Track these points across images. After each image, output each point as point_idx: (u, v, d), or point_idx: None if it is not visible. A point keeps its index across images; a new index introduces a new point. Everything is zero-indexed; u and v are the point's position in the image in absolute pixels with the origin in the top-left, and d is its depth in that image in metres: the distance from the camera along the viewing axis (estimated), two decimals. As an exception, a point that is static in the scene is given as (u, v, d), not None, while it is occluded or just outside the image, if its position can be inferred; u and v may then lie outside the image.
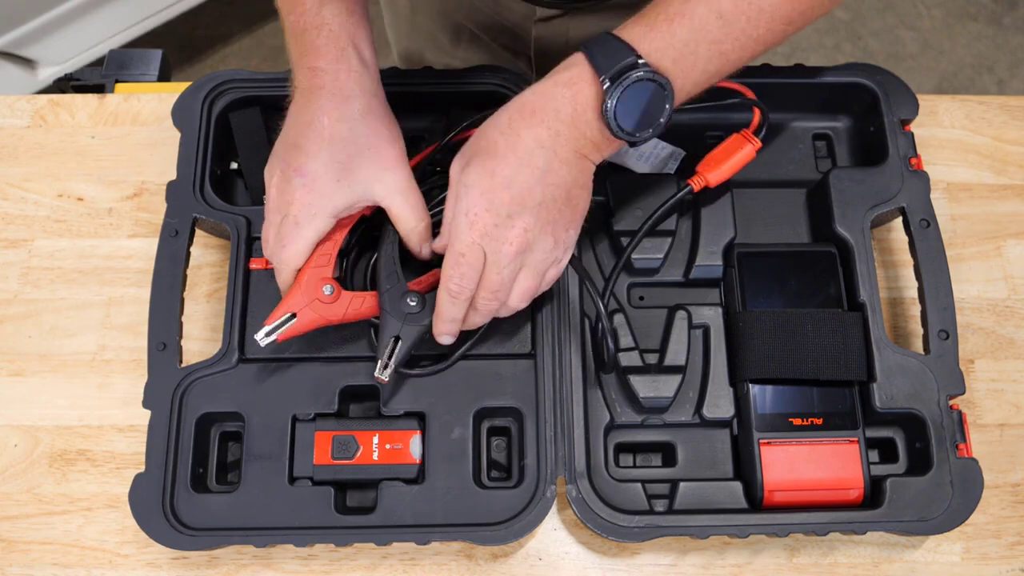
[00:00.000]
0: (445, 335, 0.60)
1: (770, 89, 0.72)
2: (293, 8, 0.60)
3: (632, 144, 0.56)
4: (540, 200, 0.56)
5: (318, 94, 0.58)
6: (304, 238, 0.60)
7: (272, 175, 0.60)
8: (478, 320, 0.60)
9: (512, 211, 0.55)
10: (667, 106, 0.55)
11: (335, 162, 0.58)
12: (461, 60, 0.89)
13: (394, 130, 0.61)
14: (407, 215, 0.61)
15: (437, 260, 0.61)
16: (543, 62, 0.82)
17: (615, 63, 0.54)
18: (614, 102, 0.54)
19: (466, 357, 0.65)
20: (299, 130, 0.59)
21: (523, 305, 0.60)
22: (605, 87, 0.54)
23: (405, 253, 0.63)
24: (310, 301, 0.61)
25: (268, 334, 0.61)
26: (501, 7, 0.80)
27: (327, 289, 0.61)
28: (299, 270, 0.61)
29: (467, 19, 0.84)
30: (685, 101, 0.57)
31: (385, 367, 0.60)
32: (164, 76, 0.90)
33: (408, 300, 0.61)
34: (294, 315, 0.61)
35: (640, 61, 0.54)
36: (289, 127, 0.60)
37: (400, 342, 0.61)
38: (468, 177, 0.56)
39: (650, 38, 0.55)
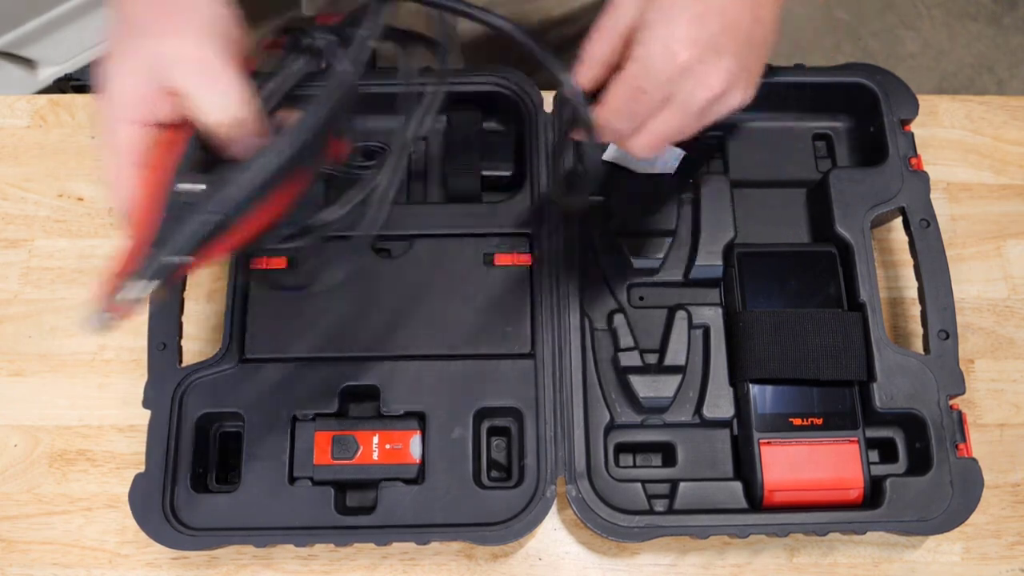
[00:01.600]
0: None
1: (770, 89, 0.72)
2: None
3: None
4: (747, 37, 0.47)
5: None
6: (111, 165, 0.45)
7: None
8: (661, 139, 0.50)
9: (720, 46, 0.46)
10: None
11: (121, 48, 0.45)
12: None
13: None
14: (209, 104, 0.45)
15: None
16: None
17: None
18: None
19: (466, 357, 0.65)
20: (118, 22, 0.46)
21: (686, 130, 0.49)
22: None
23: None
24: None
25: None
26: None
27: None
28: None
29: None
30: None
31: None
32: (164, 76, 0.90)
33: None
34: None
35: None
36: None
37: None
38: (662, 9, 0.46)
39: None
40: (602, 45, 0.48)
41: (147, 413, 0.63)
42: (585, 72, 0.49)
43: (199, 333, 0.70)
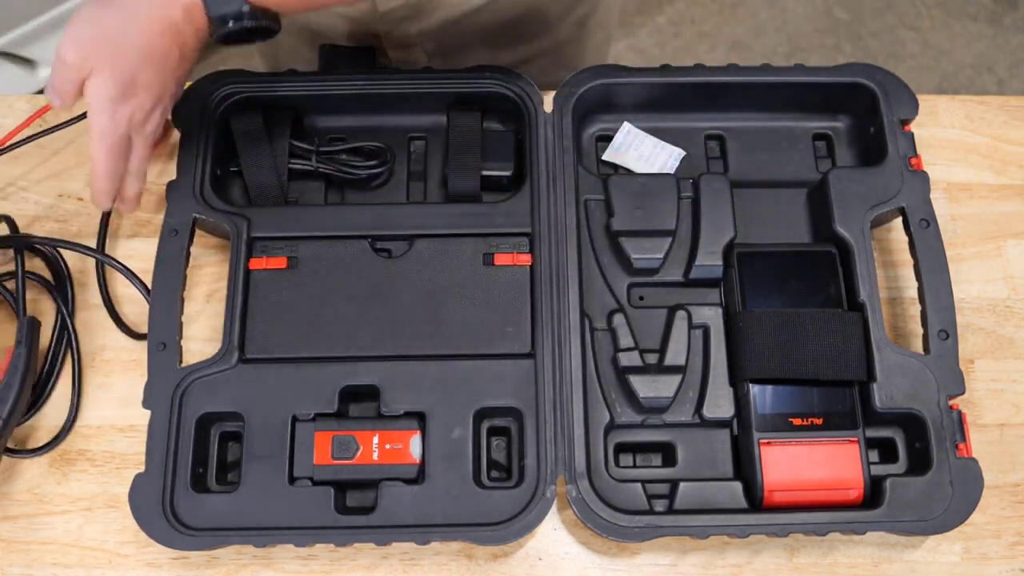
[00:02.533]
0: None
1: (770, 89, 0.73)
2: None
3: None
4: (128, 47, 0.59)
5: None
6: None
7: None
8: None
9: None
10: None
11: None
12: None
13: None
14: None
15: None
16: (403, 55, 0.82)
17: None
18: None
19: (466, 357, 0.65)
20: None
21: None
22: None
23: None
24: None
25: None
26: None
27: None
28: None
29: (330, 32, 0.82)
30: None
31: None
32: (164, 76, 0.90)
33: None
34: None
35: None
36: None
37: None
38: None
39: None
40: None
41: (147, 413, 0.63)
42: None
43: (199, 333, 0.70)
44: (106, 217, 0.73)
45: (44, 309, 0.71)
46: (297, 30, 0.83)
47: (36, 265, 0.72)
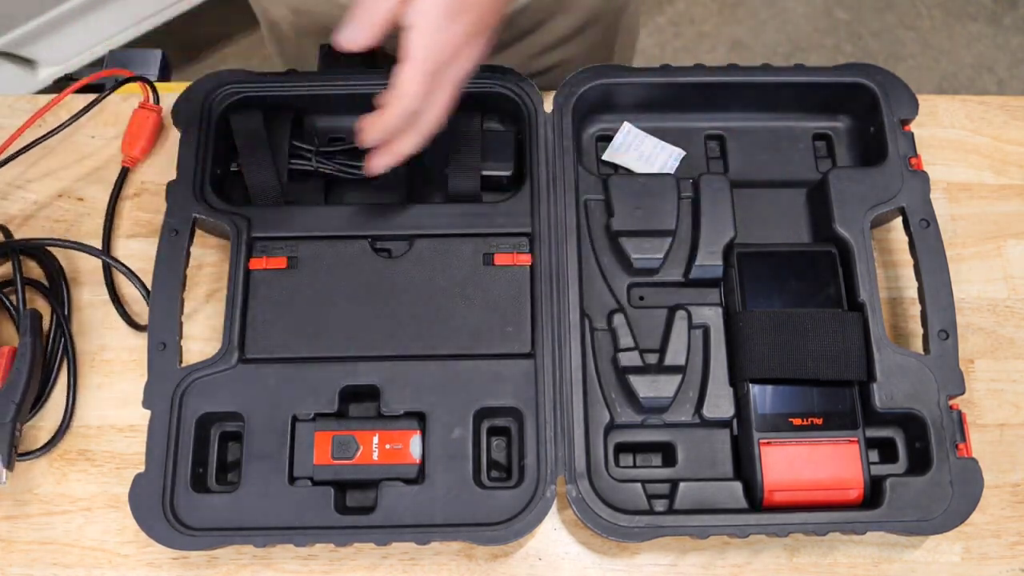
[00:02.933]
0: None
1: (770, 89, 0.73)
2: None
3: None
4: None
5: None
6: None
7: None
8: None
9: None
10: None
11: None
12: None
13: None
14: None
15: None
16: None
17: None
18: None
19: (466, 357, 0.65)
20: None
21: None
22: None
23: None
24: None
25: None
26: None
27: None
28: None
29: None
30: None
31: None
32: (164, 76, 0.90)
33: None
34: None
35: None
36: None
37: None
38: None
39: None
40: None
41: (147, 413, 0.63)
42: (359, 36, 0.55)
43: (199, 333, 0.70)
44: (110, 217, 0.73)
45: (41, 310, 0.71)
46: (314, 29, 0.82)
47: (30, 266, 0.72)
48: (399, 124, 0.58)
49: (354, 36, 0.55)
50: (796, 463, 0.62)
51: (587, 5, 0.84)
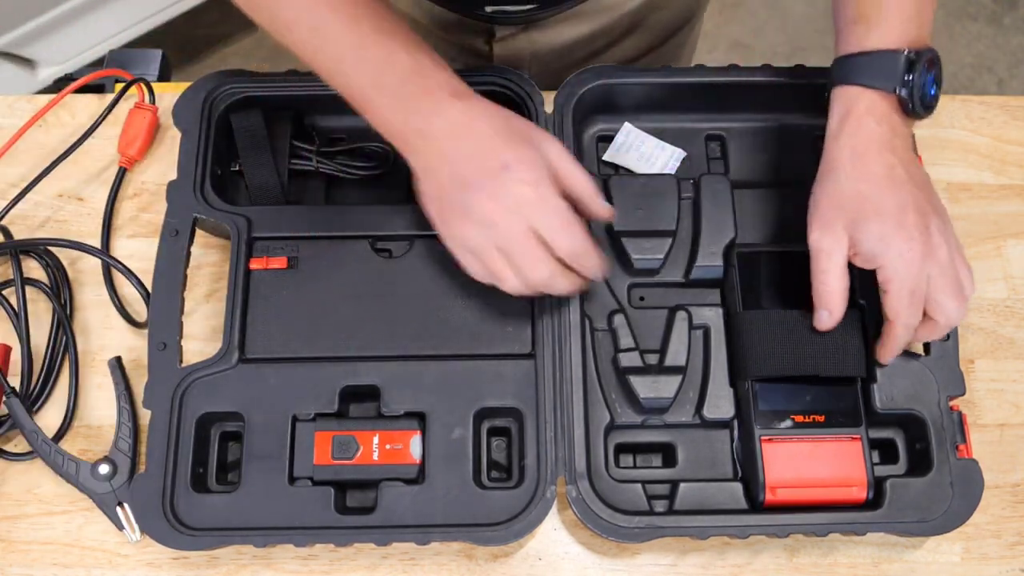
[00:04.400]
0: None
1: (770, 89, 0.72)
2: (389, 68, 0.57)
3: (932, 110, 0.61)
4: (927, 197, 0.60)
5: (458, 122, 0.57)
6: (574, 215, 0.58)
7: (479, 205, 0.57)
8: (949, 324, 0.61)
9: (924, 221, 0.58)
10: (939, 64, 0.60)
11: (519, 139, 0.57)
12: None
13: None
14: (581, 174, 0.60)
15: None
16: None
17: (896, 70, 0.59)
18: (914, 98, 0.59)
19: (466, 357, 0.65)
20: (460, 162, 0.57)
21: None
22: (901, 91, 0.59)
23: None
24: None
25: None
26: (460, 32, 0.80)
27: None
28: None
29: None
30: None
31: None
32: (164, 76, 0.90)
33: None
34: None
35: (912, 55, 0.59)
36: (440, 174, 0.58)
37: None
38: (871, 231, 0.58)
39: (892, 31, 0.59)
40: (837, 282, 0.60)
41: (147, 413, 0.63)
42: (838, 306, 0.61)
43: (199, 333, 0.70)
44: (109, 216, 0.73)
45: (41, 310, 0.71)
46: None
47: (31, 266, 0.72)
48: None
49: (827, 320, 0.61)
50: (798, 460, 0.62)
51: (661, 23, 0.86)
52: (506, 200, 0.56)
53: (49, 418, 0.68)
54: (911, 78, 0.58)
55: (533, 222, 0.56)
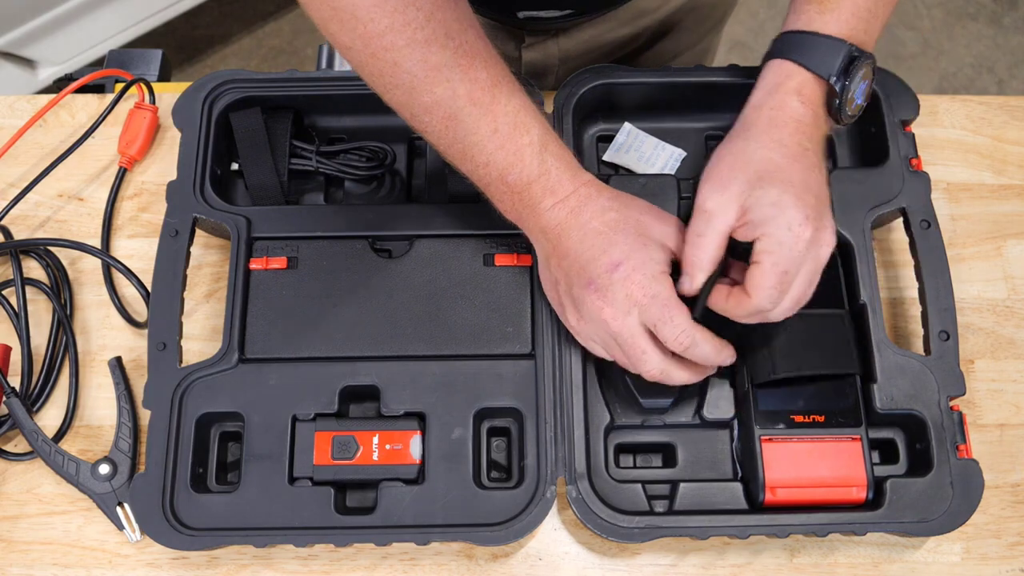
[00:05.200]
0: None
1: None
2: (512, 167, 0.57)
3: (852, 120, 0.61)
4: (823, 193, 0.58)
5: (572, 218, 0.58)
6: (680, 307, 0.57)
7: (593, 306, 0.58)
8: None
9: (821, 212, 0.56)
10: (874, 75, 0.60)
11: (631, 234, 0.58)
12: None
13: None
14: (691, 250, 0.59)
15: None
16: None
17: (836, 60, 0.57)
18: (844, 97, 0.58)
19: (466, 357, 0.65)
20: (572, 258, 0.58)
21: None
22: (835, 83, 0.57)
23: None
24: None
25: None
26: (491, 37, 0.80)
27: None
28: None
29: None
30: None
31: None
32: (164, 76, 0.90)
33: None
34: None
35: (855, 51, 0.57)
36: (558, 268, 0.59)
37: None
38: (769, 196, 0.56)
39: (842, 21, 0.58)
40: (709, 251, 0.57)
41: (147, 413, 0.63)
42: (700, 277, 0.58)
43: (199, 333, 0.70)
44: (109, 216, 0.73)
45: (41, 310, 0.71)
46: None
47: (31, 266, 0.72)
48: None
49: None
50: (798, 460, 0.61)
51: (693, 28, 0.86)
52: (615, 300, 0.57)
53: (49, 418, 0.68)
54: (849, 74, 0.57)
55: (643, 319, 0.57)
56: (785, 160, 0.57)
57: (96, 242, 0.72)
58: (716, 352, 0.59)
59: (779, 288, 0.56)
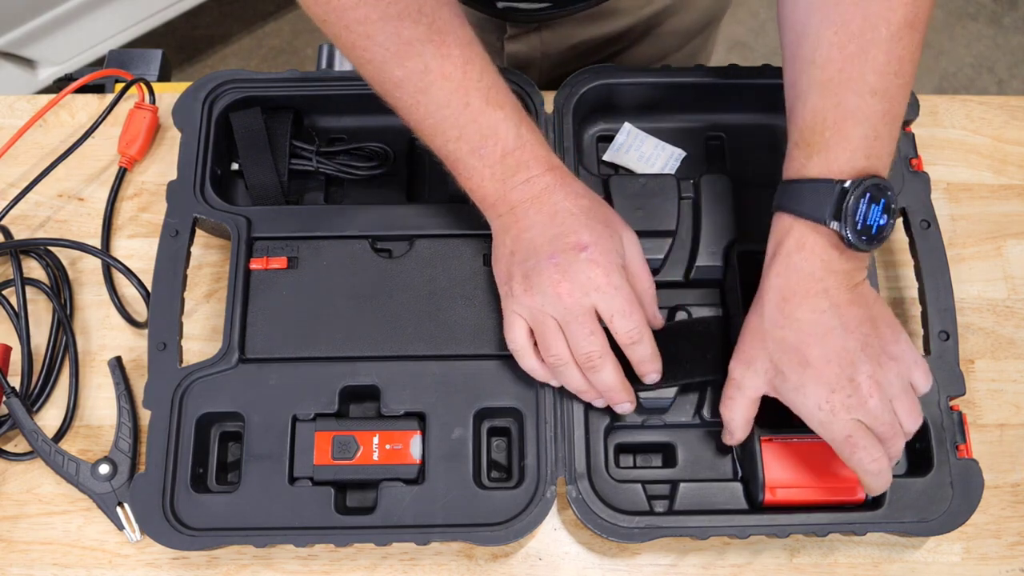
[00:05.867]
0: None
1: (771, 90, 0.72)
2: (487, 140, 0.58)
3: (881, 242, 0.56)
4: (860, 345, 0.55)
5: (545, 195, 0.58)
6: (638, 308, 0.59)
7: (550, 281, 0.58)
8: (895, 457, 0.58)
9: (849, 373, 0.55)
10: (890, 191, 0.56)
11: (601, 222, 0.59)
12: None
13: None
14: (646, 275, 0.62)
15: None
16: None
17: (827, 202, 0.54)
18: (851, 230, 0.54)
19: (466, 357, 0.65)
20: (537, 230, 0.58)
21: (919, 418, 0.58)
22: (835, 227, 0.54)
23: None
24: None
25: None
26: (473, 27, 0.80)
27: None
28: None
29: None
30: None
31: None
32: (164, 76, 0.90)
33: None
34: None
35: (846, 184, 0.54)
36: (516, 239, 0.59)
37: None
38: (789, 382, 0.56)
39: (831, 160, 0.55)
40: (740, 412, 0.60)
41: (147, 413, 0.63)
42: (738, 435, 0.60)
43: (199, 333, 0.70)
44: (109, 216, 0.73)
45: (41, 310, 0.71)
46: None
47: (31, 266, 0.72)
48: None
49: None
50: (797, 460, 0.62)
51: (678, 30, 0.86)
52: (576, 278, 0.57)
53: (49, 418, 0.68)
54: (845, 208, 0.54)
55: (598, 303, 0.58)
56: (798, 338, 0.56)
57: (96, 242, 0.72)
58: (650, 358, 0.60)
59: (852, 446, 0.56)
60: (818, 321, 0.56)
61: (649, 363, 0.61)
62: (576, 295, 0.57)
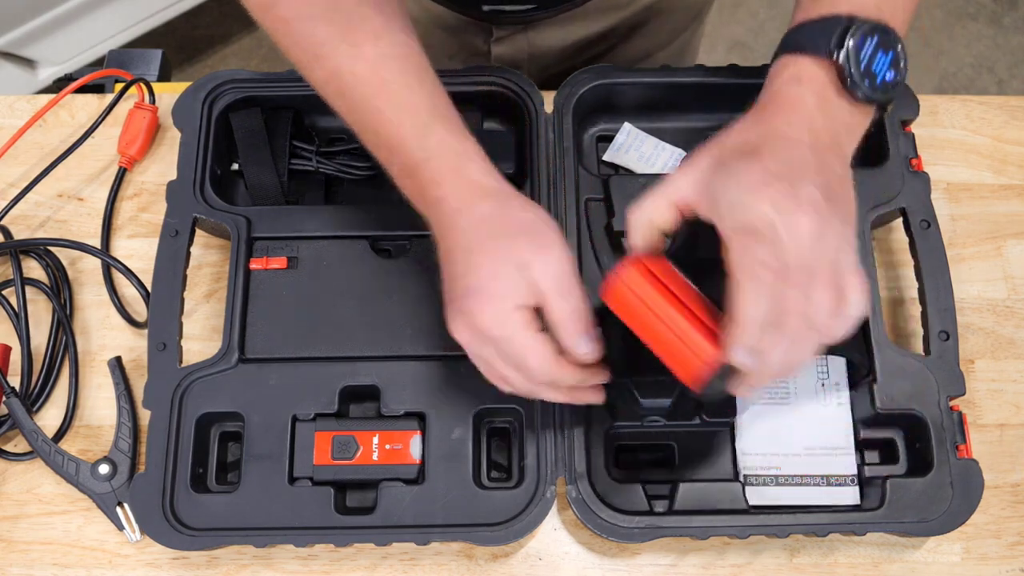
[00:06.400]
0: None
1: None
2: (397, 151, 0.55)
3: (885, 104, 0.51)
4: (819, 184, 0.47)
5: (448, 221, 0.54)
6: (533, 348, 0.52)
7: (457, 326, 0.54)
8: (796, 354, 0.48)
9: (795, 182, 0.46)
10: (900, 47, 0.51)
11: (497, 259, 0.52)
12: None
13: (540, 214, 0.55)
14: (565, 305, 0.52)
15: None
16: None
17: (831, 33, 0.50)
18: (853, 66, 0.49)
19: (466, 357, 0.65)
20: (446, 266, 0.54)
21: (842, 312, 0.48)
22: (839, 57, 0.49)
23: None
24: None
25: None
26: (459, 31, 0.80)
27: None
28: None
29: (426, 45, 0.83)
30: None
31: None
32: (164, 76, 0.90)
33: None
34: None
35: (854, 20, 0.50)
36: (442, 258, 0.55)
37: None
38: (724, 169, 0.48)
39: (840, 2, 0.51)
40: (652, 211, 0.51)
41: (147, 413, 0.63)
42: (635, 236, 0.52)
43: (199, 333, 0.70)
44: (109, 216, 0.73)
45: (41, 310, 0.71)
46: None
47: (31, 266, 0.72)
48: None
49: None
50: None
51: (664, 28, 0.85)
52: (473, 326, 0.53)
53: (49, 418, 0.68)
54: (848, 43, 0.49)
55: (495, 355, 0.54)
56: (758, 138, 0.49)
57: (96, 242, 0.72)
58: (565, 399, 0.56)
59: (763, 247, 0.46)
60: (788, 134, 0.48)
61: (567, 403, 0.56)
62: (475, 345, 0.54)
